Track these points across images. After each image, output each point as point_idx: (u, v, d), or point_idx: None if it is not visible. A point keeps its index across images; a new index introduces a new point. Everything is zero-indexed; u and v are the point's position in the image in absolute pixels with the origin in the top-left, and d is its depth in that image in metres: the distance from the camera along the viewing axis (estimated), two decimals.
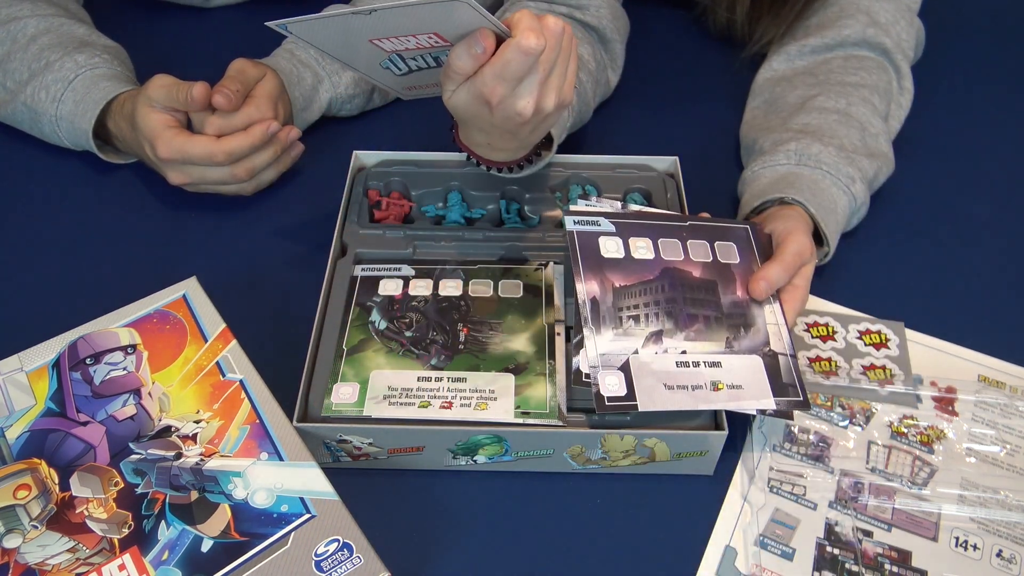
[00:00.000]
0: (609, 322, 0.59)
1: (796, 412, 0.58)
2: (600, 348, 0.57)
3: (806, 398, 0.58)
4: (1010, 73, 0.97)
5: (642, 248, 0.62)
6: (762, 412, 0.57)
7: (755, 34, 0.88)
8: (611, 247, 0.62)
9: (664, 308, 0.60)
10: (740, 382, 0.58)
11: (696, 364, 0.58)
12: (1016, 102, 0.93)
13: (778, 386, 0.58)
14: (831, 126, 0.74)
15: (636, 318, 0.59)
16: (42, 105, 0.78)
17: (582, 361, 0.57)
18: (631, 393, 0.56)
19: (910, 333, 0.69)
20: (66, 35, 0.81)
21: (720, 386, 0.57)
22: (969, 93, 0.94)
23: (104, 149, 0.80)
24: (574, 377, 0.57)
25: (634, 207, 0.67)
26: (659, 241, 0.63)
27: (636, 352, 0.58)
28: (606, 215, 0.64)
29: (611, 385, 0.56)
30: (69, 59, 0.78)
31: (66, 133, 0.79)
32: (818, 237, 0.69)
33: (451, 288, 0.66)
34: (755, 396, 0.57)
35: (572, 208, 0.64)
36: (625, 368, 0.57)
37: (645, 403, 0.55)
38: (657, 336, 0.59)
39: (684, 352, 0.58)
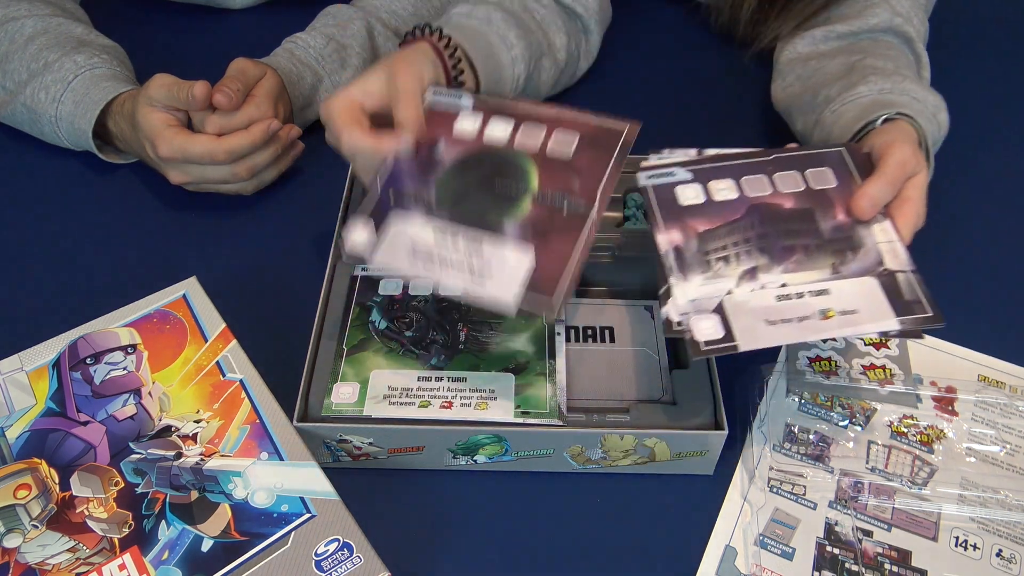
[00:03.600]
0: (697, 268, 0.56)
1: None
2: (689, 295, 0.54)
3: (937, 312, 0.53)
4: (1011, 73, 0.97)
5: (724, 190, 0.59)
6: (885, 334, 0.54)
7: (759, 33, 0.88)
8: (690, 194, 0.59)
9: (756, 245, 0.57)
10: (854, 306, 0.53)
11: (800, 295, 0.54)
12: (1017, 102, 0.93)
13: (901, 305, 0.53)
14: (896, 71, 0.72)
15: (726, 259, 0.56)
16: (41, 106, 0.78)
17: (671, 311, 0.54)
18: (729, 334, 0.53)
19: None
20: (64, 35, 0.81)
21: (831, 313, 0.53)
22: (970, 93, 0.94)
23: (104, 149, 0.80)
24: (665, 327, 0.54)
25: (711, 151, 0.63)
26: (742, 180, 0.60)
27: (730, 292, 0.54)
28: (681, 164, 0.61)
29: (706, 329, 0.53)
30: (68, 59, 0.78)
31: (66, 134, 0.79)
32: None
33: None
34: (874, 318, 0.53)
35: (643, 164, 0.62)
36: (719, 310, 0.54)
37: (747, 342, 0.52)
38: (751, 273, 0.55)
39: (784, 285, 0.55)
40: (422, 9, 0.88)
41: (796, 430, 0.63)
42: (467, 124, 0.60)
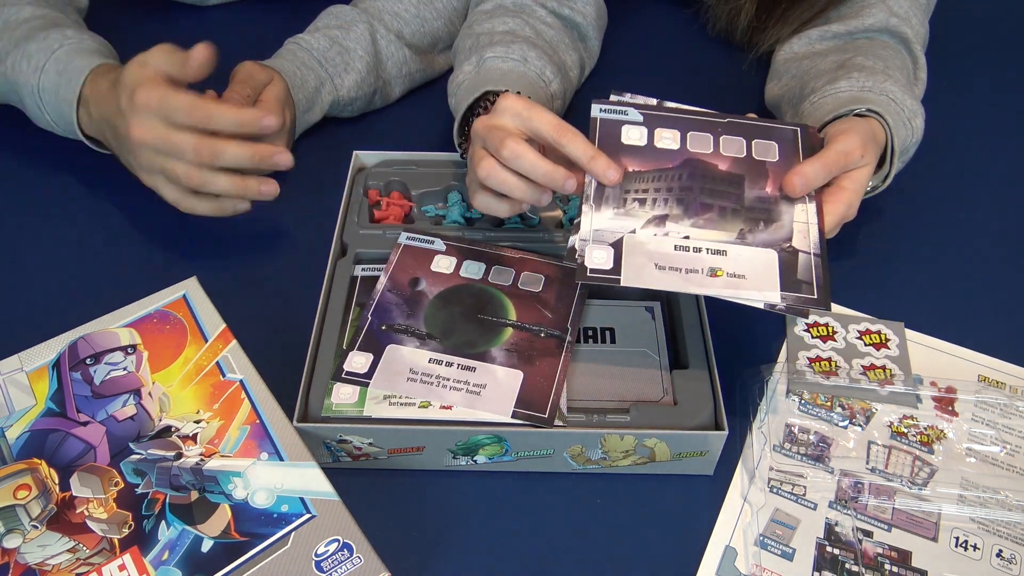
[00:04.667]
0: (612, 202, 0.58)
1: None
2: (595, 224, 0.57)
3: (825, 298, 0.55)
4: (1012, 74, 0.97)
5: (668, 139, 0.61)
6: (771, 307, 0.55)
7: (757, 40, 0.88)
8: (634, 135, 0.61)
9: (676, 195, 0.59)
10: (744, 272, 0.56)
11: (697, 250, 0.57)
12: (1017, 103, 0.93)
13: (790, 282, 0.55)
14: (882, 71, 0.73)
15: (642, 200, 0.58)
16: (23, 75, 0.73)
17: (575, 238, 0.57)
18: (616, 267, 0.55)
19: (910, 333, 0.69)
20: (58, 19, 0.78)
21: (719, 273, 0.55)
22: (970, 94, 0.94)
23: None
24: (567, 254, 0.57)
25: (671, 104, 0.64)
26: (688, 134, 0.62)
27: (633, 232, 0.57)
28: (636, 106, 0.62)
29: (597, 258, 0.55)
30: (56, 31, 0.74)
31: (50, 108, 0.74)
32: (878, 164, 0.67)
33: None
34: (759, 287, 0.55)
35: (601, 100, 0.63)
36: (617, 245, 0.56)
37: (630, 278, 0.55)
38: (661, 220, 0.58)
39: (687, 238, 0.57)
40: (425, 11, 0.88)
41: (796, 430, 0.63)
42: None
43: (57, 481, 0.53)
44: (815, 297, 0.55)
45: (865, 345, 0.68)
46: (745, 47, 0.91)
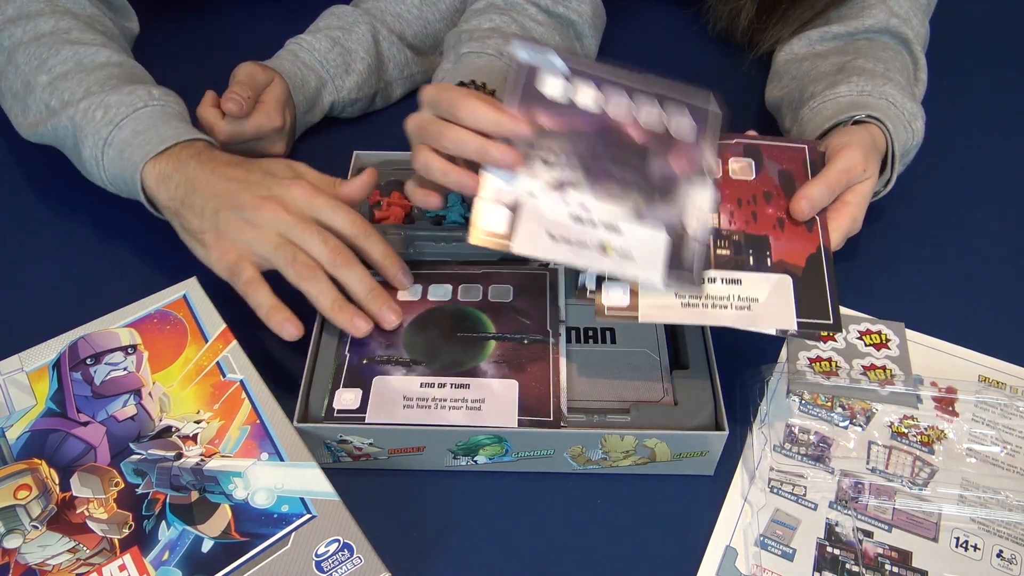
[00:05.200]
0: None
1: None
2: (494, 182, 0.56)
3: (698, 280, 0.56)
4: (1012, 75, 0.97)
5: (588, 98, 0.60)
6: (651, 285, 0.56)
7: (757, 40, 0.88)
8: (555, 88, 0.59)
9: (582, 161, 0.58)
10: (633, 252, 0.56)
11: (593, 223, 0.56)
12: (1017, 103, 0.93)
13: (673, 263, 0.57)
14: (882, 74, 0.72)
15: (546, 161, 0.57)
16: (94, 124, 0.67)
17: (479, 195, 0.56)
18: (510, 232, 0.55)
19: (910, 333, 0.69)
20: (137, 73, 0.73)
21: (609, 251, 0.56)
22: (970, 94, 0.94)
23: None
24: (467, 207, 0.57)
25: (622, 70, 0.62)
26: (611, 100, 0.60)
27: (532, 195, 0.56)
28: (562, 55, 0.60)
29: (491, 219, 0.55)
30: (142, 88, 0.69)
31: (109, 163, 0.67)
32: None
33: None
34: (644, 267, 0.56)
35: (525, 40, 0.61)
36: (514, 207, 0.56)
37: (521, 246, 0.55)
38: (562, 185, 0.57)
39: (586, 209, 0.57)
40: (427, 12, 0.88)
41: (796, 430, 0.63)
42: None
43: (57, 481, 0.53)
44: (691, 279, 0.56)
45: (865, 345, 0.68)
46: (746, 47, 0.91)
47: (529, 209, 0.56)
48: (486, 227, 0.54)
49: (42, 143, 0.74)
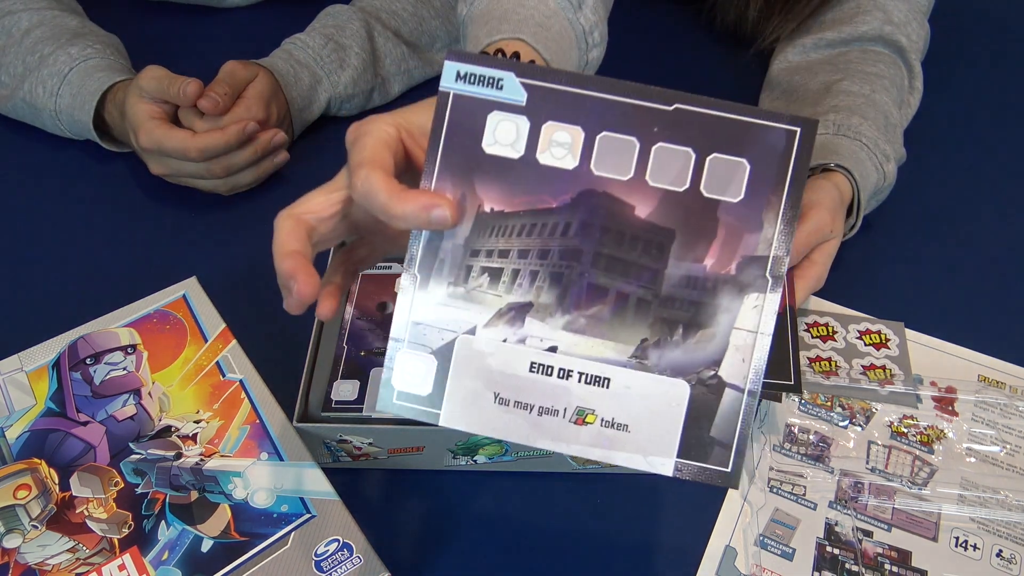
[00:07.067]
0: (449, 270, 0.38)
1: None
2: (418, 311, 0.38)
3: (734, 475, 0.36)
4: (1012, 75, 0.97)
5: (561, 145, 0.37)
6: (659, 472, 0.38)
7: (764, 31, 0.88)
8: (506, 133, 0.37)
9: (554, 266, 0.37)
10: (627, 420, 0.37)
11: (565, 374, 0.37)
12: (1017, 103, 0.93)
13: (693, 438, 0.36)
14: (861, 107, 0.73)
15: (496, 273, 0.38)
16: (40, 100, 0.79)
17: (394, 321, 0.38)
18: (436, 395, 0.37)
19: (910, 333, 0.69)
20: (59, 27, 0.81)
21: (590, 419, 0.37)
22: (970, 94, 0.94)
23: (104, 138, 0.81)
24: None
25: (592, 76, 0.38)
26: (599, 137, 0.37)
27: (472, 332, 0.38)
28: (517, 70, 0.37)
29: (410, 374, 0.37)
30: (63, 52, 0.79)
31: (67, 126, 0.80)
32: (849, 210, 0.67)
33: None
34: (642, 449, 0.37)
35: (460, 54, 0.37)
36: (444, 353, 0.37)
37: (451, 416, 0.37)
38: (520, 312, 0.38)
39: (553, 349, 0.37)
40: (422, 10, 0.88)
41: (796, 430, 0.63)
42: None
43: (57, 481, 0.53)
44: (727, 471, 0.37)
45: (865, 345, 0.68)
46: (751, 39, 0.90)
47: (466, 357, 0.37)
48: (401, 386, 0.37)
49: (14, 117, 0.84)
